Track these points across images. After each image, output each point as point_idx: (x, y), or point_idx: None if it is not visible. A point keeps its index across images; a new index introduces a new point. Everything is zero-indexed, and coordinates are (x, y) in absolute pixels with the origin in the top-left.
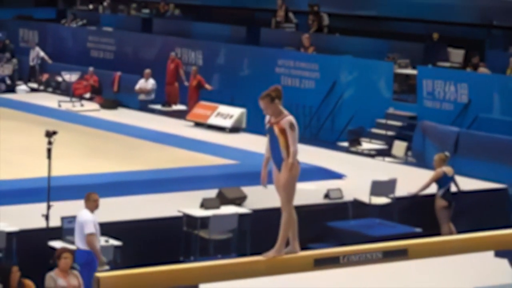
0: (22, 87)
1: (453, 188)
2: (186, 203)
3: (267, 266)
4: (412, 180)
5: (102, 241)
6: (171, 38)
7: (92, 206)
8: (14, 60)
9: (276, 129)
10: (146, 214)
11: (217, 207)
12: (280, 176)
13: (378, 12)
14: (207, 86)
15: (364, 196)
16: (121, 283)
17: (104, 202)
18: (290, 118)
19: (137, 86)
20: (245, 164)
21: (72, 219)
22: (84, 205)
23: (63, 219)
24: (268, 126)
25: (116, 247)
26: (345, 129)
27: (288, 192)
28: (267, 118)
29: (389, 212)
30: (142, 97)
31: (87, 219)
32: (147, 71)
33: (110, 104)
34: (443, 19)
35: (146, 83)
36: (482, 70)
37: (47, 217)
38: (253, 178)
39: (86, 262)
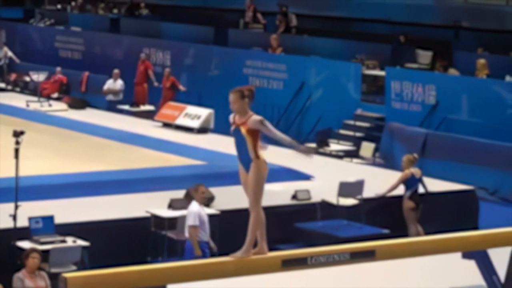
0: None
1: (421, 190)
2: (154, 204)
3: (235, 266)
4: (380, 182)
5: (70, 241)
6: (139, 38)
7: (200, 198)
8: None
9: (243, 130)
10: (114, 215)
11: (185, 207)
12: (248, 176)
13: (346, 13)
14: (181, 87)
15: (332, 197)
16: (88, 283)
17: (71, 202)
18: (257, 116)
19: (105, 87)
20: (213, 165)
21: (39, 219)
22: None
23: (30, 219)
24: (234, 127)
25: (83, 247)
26: (313, 130)
27: (256, 192)
28: (231, 118)
29: (357, 213)
30: (110, 97)
31: (191, 210)
32: (116, 71)
33: (78, 104)
34: (411, 20)
35: (115, 84)
36: (452, 71)
37: (14, 217)
38: (221, 178)
39: (188, 252)
